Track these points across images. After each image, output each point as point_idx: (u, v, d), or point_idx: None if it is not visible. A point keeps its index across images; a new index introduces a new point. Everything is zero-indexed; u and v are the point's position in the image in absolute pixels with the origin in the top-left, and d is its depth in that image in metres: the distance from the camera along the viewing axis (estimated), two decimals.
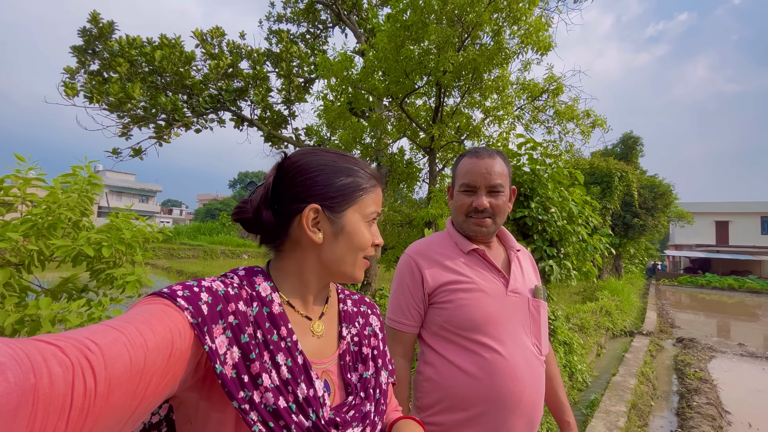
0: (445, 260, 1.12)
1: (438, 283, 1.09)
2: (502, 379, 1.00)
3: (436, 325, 1.09)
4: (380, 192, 0.73)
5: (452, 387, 1.04)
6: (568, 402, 1.28)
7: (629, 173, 15.39)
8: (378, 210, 0.71)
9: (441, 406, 1.05)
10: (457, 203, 1.16)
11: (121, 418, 0.40)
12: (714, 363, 6.17)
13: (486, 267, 1.12)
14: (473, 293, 1.06)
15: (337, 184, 0.66)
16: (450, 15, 4.55)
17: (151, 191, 52.14)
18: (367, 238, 0.69)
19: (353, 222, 0.68)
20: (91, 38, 7.41)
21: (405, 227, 5.51)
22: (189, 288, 0.55)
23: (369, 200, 0.70)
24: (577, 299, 10.69)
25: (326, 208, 0.65)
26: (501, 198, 1.13)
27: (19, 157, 1.71)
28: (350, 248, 0.68)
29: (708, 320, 10.89)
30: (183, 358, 0.49)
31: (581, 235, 4.34)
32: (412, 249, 1.17)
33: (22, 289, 1.59)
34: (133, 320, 0.45)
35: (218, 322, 0.55)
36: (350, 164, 0.70)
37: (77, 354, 0.36)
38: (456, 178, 1.18)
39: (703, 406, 4.15)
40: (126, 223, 1.78)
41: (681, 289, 20.08)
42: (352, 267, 0.70)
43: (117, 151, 7.80)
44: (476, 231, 1.13)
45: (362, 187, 0.69)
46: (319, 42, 10.78)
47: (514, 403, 1.01)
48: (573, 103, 5.74)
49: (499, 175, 1.11)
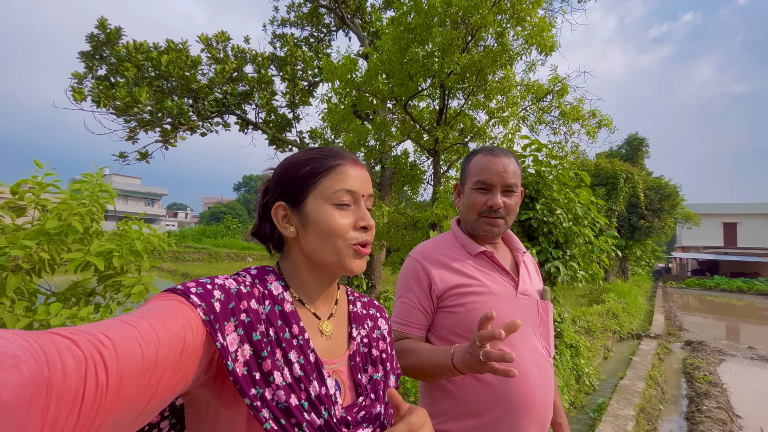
0: (452, 262, 1.08)
1: (447, 285, 1.05)
2: (515, 383, 0.98)
3: (446, 330, 1.06)
4: (348, 168, 0.68)
5: (464, 393, 1.01)
6: (561, 403, 1.26)
7: (635, 174, 15.28)
8: (347, 187, 0.66)
9: (453, 413, 1.03)
10: (469, 201, 1.11)
11: (132, 413, 0.41)
12: (723, 366, 6.08)
13: (495, 269, 1.10)
14: (484, 296, 1.03)
15: (295, 177, 0.67)
16: (454, 17, 4.56)
17: (156, 195, 52.56)
18: (335, 222, 0.65)
19: (315, 209, 0.66)
20: (99, 44, 7.51)
21: (409, 229, 5.50)
22: (202, 285, 0.56)
23: (332, 181, 0.66)
24: (583, 302, 10.60)
25: (288, 202, 0.67)
26: (514, 198, 1.11)
27: (37, 163, 1.73)
28: (320, 236, 0.65)
29: (717, 323, 10.74)
30: (195, 355, 0.49)
31: (587, 237, 4.31)
32: (417, 251, 1.14)
33: (32, 292, 1.61)
34: (146, 316, 0.46)
35: (230, 320, 0.55)
36: (312, 154, 0.68)
37: (90, 348, 0.37)
38: (468, 175, 1.13)
39: (713, 410, 4.09)
40: (138, 233, 1.79)
41: (689, 292, 19.84)
42: (335, 255, 0.66)
43: (124, 154, 7.89)
44: (488, 231, 1.10)
45: (320, 171, 0.66)
46: (323, 46, 10.85)
47: (527, 408, 0.99)
48: (578, 103, 5.71)
49: (513, 174, 1.09)
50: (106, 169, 2.01)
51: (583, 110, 5.71)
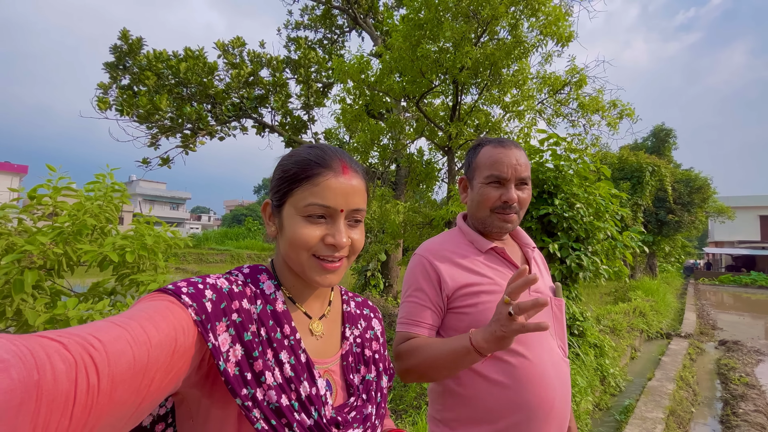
0: (461, 260, 1.03)
1: (458, 284, 1.00)
2: (532, 386, 0.93)
3: (457, 332, 1.00)
4: (329, 180, 0.62)
5: (477, 398, 0.96)
6: (570, 406, 1.20)
7: (662, 167, 14.65)
8: (320, 202, 0.61)
9: (466, 420, 0.98)
10: (481, 197, 1.05)
11: (124, 415, 0.40)
12: (762, 367, 5.74)
13: (506, 266, 1.05)
14: (496, 295, 0.98)
15: (280, 178, 0.66)
16: (465, 11, 4.48)
17: (181, 199, 54.34)
18: (300, 234, 0.61)
19: (288, 216, 0.64)
20: (122, 54, 7.80)
21: (425, 228, 5.46)
22: (194, 285, 0.56)
23: (305, 192, 0.62)
24: (608, 300, 10.26)
25: (273, 201, 0.67)
26: (527, 192, 1.06)
27: (50, 167, 1.80)
28: (288, 244, 0.63)
29: (754, 321, 10.17)
30: (186, 355, 0.49)
31: (610, 232, 4.15)
32: (424, 248, 1.08)
33: (56, 293, 1.67)
34: (137, 317, 0.45)
35: (222, 320, 0.55)
36: (302, 156, 0.65)
37: (80, 351, 0.36)
38: (478, 169, 1.07)
39: (750, 413, 3.86)
40: (148, 229, 1.84)
41: (723, 289, 18.89)
42: (301, 266, 0.64)
43: (147, 160, 8.17)
44: (502, 227, 1.05)
45: (297, 179, 0.63)
46: (337, 47, 10.92)
47: (546, 411, 0.93)
48: (598, 94, 5.51)
49: (526, 167, 1.05)
50: (133, 175, 2.08)
51: (603, 101, 5.51)
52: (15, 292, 1.30)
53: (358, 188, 0.65)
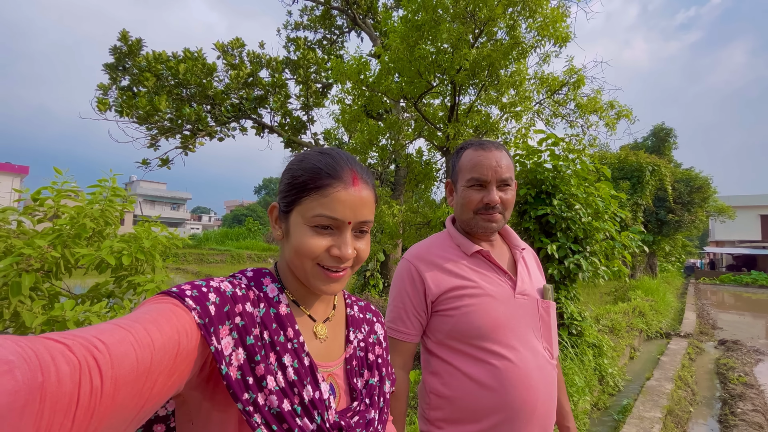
0: (447, 264, 1.05)
1: (442, 289, 1.02)
2: (515, 388, 0.95)
3: (442, 334, 1.03)
4: (339, 192, 0.62)
5: (462, 398, 0.99)
6: (569, 406, 1.21)
7: (662, 166, 14.63)
8: (328, 214, 0.61)
9: (450, 419, 1.00)
10: (464, 200, 1.08)
11: (126, 417, 0.40)
12: (761, 367, 5.74)
13: (491, 269, 1.06)
14: (480, 298, 1.00)
15: (289, 183, 0.66)
16: (462, 12, 4.49)
17: (181, 199, 54.36)
18: (306, 244, 0.62)
19: (294, 224, 0.64)
20: (122, 55, 7.82)
21: (424, 228, 5.47)
22: (197, 288, 0.56)
23: (314, 203, 0.62)
24: (608, 299, 10.25)
25: (281, 205, 0.67)
26: (510, 192, 1.07)
27: (57, 170, 1.81)
28: (293, 251, 0.63)
29: (754, 321, 10.16)
30: (189, 358, 0.49)
31: (609, 232, 4.16)
32: (411, 253, 1.11)
33: (54, 295, 1.68)
34: (141, 319, 0.46)
35: (225, 323, 0.55)
36: (313, 163, 0.64)
37: (84, 353, 0.36)
38: (460, 172, 1.09)
39: (748, 413, 3.87)
40: (146, 232, 1.85)
41: (723, 288, 18.86)
42: (304, 274, 0.64)
43: (146, 161, 8.19)
44: (486, 228, 1.07)
45: (307, 188, 0.63)
46: (336, 47, 10.93)
47: (528, 413, 0.95)
48: (596, 94, 5.52)
49: (507, 168, 1.06)
50: (133, 176, 2.09)
51: (601, 102, 5.52)
52: (12, 294, 1.31)
53: (367, 200, 0.65)
